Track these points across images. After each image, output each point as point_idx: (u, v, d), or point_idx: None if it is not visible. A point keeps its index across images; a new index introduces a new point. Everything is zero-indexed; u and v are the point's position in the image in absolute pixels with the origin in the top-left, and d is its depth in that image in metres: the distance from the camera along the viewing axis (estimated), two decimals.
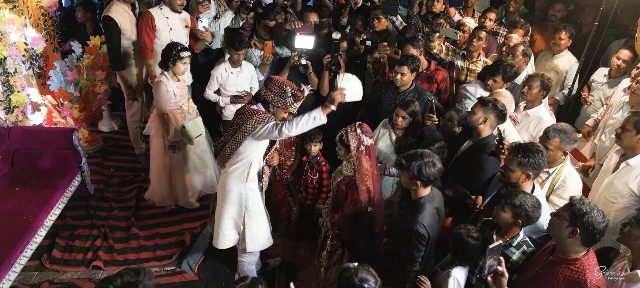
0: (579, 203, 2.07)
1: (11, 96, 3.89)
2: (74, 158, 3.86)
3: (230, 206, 3.09)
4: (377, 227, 2.84)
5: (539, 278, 2.22)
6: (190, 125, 3.70)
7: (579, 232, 2.05)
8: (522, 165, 2.50)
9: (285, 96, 2.80)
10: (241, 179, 3.01)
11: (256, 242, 3.21)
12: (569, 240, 2.09)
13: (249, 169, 2.98)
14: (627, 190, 2.89)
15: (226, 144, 2.95)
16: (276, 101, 2.82)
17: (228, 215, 3.12)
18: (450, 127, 3.43)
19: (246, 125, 2.81)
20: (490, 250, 2.05)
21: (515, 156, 2.51)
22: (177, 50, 3.51)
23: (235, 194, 3.06)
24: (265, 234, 3.24)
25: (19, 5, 4.12)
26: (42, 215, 3.34)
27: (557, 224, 2.14)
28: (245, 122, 2.82)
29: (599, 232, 2.04)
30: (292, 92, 2.80)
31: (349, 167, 2.89)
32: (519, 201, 2.32)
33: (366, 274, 1.96)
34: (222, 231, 3.17)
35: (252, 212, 3.13)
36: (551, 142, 2.80)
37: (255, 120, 2.79)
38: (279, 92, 2.80)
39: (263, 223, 3.22)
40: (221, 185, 3.11)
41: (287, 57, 4.35)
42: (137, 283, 1.66)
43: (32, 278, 3.41)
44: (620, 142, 2.98)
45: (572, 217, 2.06)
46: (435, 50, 4.31)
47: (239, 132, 2.86)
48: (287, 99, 2.80)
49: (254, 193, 3.10)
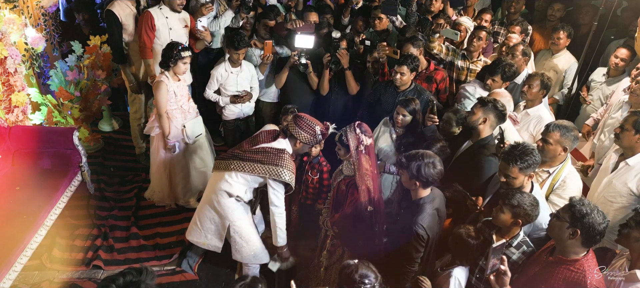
0: (579, 204, 2.07)
1: (11, 96, 3.89)
2: (74, 157, 3.87)
3: (214, 212, 3.11)
4: (377, 227, 2.85)
5: (539, 278, 2.22)
6: (191, 124, 3.71)
7: (579, 233, 2.05)
8: (523, 170, 2.50)
9: (315, 135, 2.88)
10: (232, 195, 3.03)
11: (241, 255, 3.22)
12: (569, 241, 2.10)
13: (244, 195, 3.02)
14: (626, 189, 2.90)
15: (237, 159, 2.94)
16: (305, 138, 2.89)
17: (209, 220, 3.16)
18: (448, 128, 3.44)
19: (265, 168, 2.85)
20: (493, 249, 2.06)
21: (515, 164, 2.49)
22: (178, 50, 3.52)
23: (222, 205, 3.06)
24: (251, 250, 3.21)
25: (19, 5, 4.12)
26: (42, 215, 3.34)
27: (557, 225, 2.14)
28: (268, 163, 2.85)
29: (600, 233, 2.05)
30: (321, 131, 2.89)
31: (349, 166, 2.89)
32: (516, 201, 2.33)
33: (366, 270, 1.97)
34: (204, 233, 3.21)
35: (237, 226, 3.13)
36: (552, 135, 2.80)
37: (276, 172, 2.84)
38: (309, 132, 2.88)
39: (250, 238, 3.19)
40: (211, 186, 3.11)
41: (287, 56, 4.36)
42: (139, 282, 1.67)
43: (33, 277, 3.41)
44: (619, 142, 2.99)
45: (573, 218, 2.07)
46: (435, 51, 4.32)
47: (256, 164, 2.88)
48: (317, 137, 2.89)
49: (239, 209, 3.09)
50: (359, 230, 2.86)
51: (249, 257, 3.24)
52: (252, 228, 3.22)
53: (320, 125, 2.91)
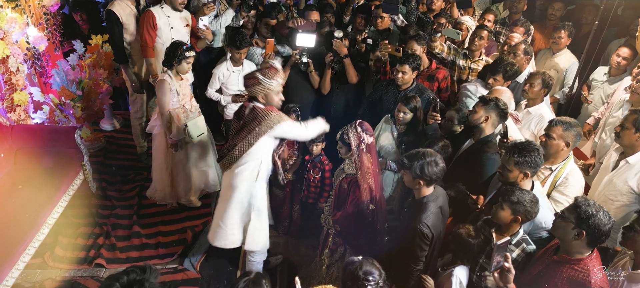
0: (584, 205, 2.05)
1: (14, 95, 3.89)
2: (76, 156, 3.87)
3: (239, 205, 3.08)
4: (379, 225, 2.86)
5: (542, 277, 2.22)
6: (193, 123, 3.71)
7: (585, 234, 2.04)
8: (519, 165, 2.51)
9: (261, 80, 2.84)
10: (251, 178, 3.01)
11: (257, 242, 3.21)
12: (574, 242, 2.09)
13: (259, 168, 2.99)
14: (627, 188, 2.90)
15: (235, 146, 2.93)
16: (261, 88, 2.85)
17: (237, 213, 3.11)
18: (450, 126, 3.44)
19: (263, 125, 2.83)
20: (498, 246, 2.06)
21: (512, 156, 2.52)
22: (183, 49, 3.52)
23: (244, 193, 3.05)
24: (266, 234, 3.25)
25: (21, 4, 4.12)
26: (44, 213, 3.35)
27: (562, 226, 2.13)
28: (262, 122, 2.83)
29: (605, 233, 2.04)
30: (259, 71, 2.88)
31: (351, 165, 2.90)
32: (516, 197, 2.33)
33: (371, 267, 1.97)
34: (230, 231, 3.14)
35: (260, 211, 3.13)
36: (555, 130, 2.81)
37: (273, 118, 2.83)
38: (255, 82, 2.86)
39: (266, 224, 3.23)
40: (227, 185, 3.10)
41: (289, 55, 4.36)
42: (143, 281, 1.65)
43: (35, 276, 3.42)
44: (620, 140, 2.99)
45: (578, 220, 2.05)
46: (437, 50, 4.32)
47: (253, 132, 2.86)
48: (266, 80, 2.84)
49: (262, 192, 3.11)
50: (360, 228, 2.87)
51: (265, 243, 3.26)
52: (267, 208, 3.24)
53: (254, 69, 2.94)
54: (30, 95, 4.14)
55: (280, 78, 2.91)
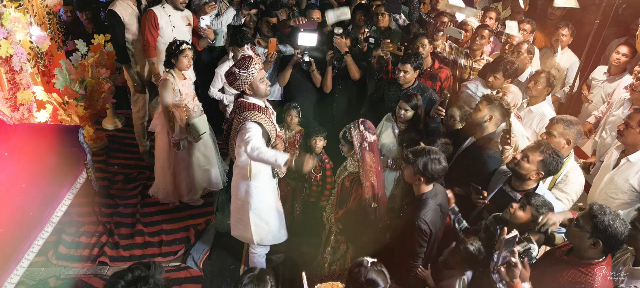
0: (600, 215, 2.00)
1: (17, 94, 3.91)
2: (80, 155, 3.89)
3: (238, 201, 3.18)
4: (381, 223, 2.87)
5: (547, 274, 2.20)
6: (195, 122, 3.73)
7: (601, 244, 2.01)
8: (542, 163, 2.49)
9: (238, 73, 2.85)
10: (244, 176, 3.05)
11: (262, 237, 3.26)
12: (591, 250, 2.06)
13: (249, 165, 3.01)
14: (628, 186, 2.91)
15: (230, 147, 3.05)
16: (242, 81, 2.86)
17: (235, 209, 3.24)
18: (452, 123, 3.46)
19: (239, 117, 2.89)
20: (506, 241, 2.02)
21: (542, 152, 2.49)
22: (177, 45, 3.55)
23: (240, 191, 3.13)
24: (271, 230, 3.27)
25: (24, 3, 4.14)
26: (48, 212, 3.37)
27: (578, 235, 2.08)
28: (240, 115, 2.89)
29: (621, 242, 2.01)
30: (234, 66, 2.89)
31: (353, 163, 2.91)
32: (539, 202, 2.34)
33: (376, 276, 1.93)
34: (232, 223, 3.32)
35: (257, 209, 3.16)
36: (555, 127, 2.82)
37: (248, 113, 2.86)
38: (233, 78, 2.87)
39: (270, 220, 3.25)
40: (232, 181, 3.22)
41: (291, 54, 4.38)
42: (148, 277, 1.66)
43: (39, 274, 3.43)
44: (623, 139, 2.99)
45: (595, 230, 2.01)
46: (438, 49, 4.33)
47: (234, 127, 2.95)
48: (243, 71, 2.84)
49: (258, 190, 3.12)
50: (362, 226, 2.88)
51: (270, 238, 3.30)
52: (274, 204, 3.26)
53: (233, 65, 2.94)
54: (33, 94, 4.16)
55: (257, 64, 2.90)
